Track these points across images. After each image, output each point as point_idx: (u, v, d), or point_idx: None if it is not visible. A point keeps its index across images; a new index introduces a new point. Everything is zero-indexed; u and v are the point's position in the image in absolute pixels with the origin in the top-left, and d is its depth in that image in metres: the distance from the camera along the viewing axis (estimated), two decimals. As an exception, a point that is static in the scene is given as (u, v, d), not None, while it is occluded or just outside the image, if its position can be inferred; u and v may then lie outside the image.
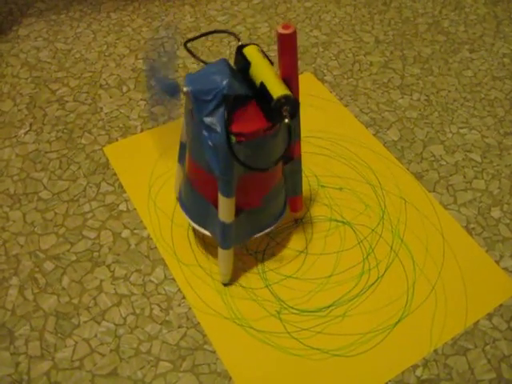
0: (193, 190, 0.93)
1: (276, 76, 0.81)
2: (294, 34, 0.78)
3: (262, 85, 0.80)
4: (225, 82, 0.79)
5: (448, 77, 1.45)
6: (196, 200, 0.94)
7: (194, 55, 0.90)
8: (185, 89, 0.79)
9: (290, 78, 0.84)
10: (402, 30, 1.58)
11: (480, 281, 1.05)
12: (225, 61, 0.83)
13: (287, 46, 0.80)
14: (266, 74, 0.81)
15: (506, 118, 1.35)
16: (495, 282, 1.05)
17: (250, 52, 0.84)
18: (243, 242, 0.98)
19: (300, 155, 0.98)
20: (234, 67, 0.86)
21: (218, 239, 0.93)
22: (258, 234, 0.98)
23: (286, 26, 0.77)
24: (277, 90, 0.78)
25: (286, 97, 0.78)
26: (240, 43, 0.86)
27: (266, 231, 0.99)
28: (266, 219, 0.98)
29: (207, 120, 0.80)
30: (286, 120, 0.78)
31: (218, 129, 0.79)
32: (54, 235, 1.07)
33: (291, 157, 0.96)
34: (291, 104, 0.79)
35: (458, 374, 0.94)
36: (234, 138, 0.80)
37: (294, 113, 0.80)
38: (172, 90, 0.84)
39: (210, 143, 0.81)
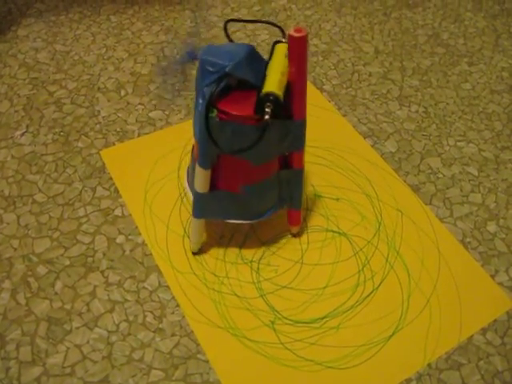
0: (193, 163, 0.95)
1: (281, 75, 0.81)
2: (305, 37, 0.78)
3: (264, 78, 0.81)
4: (232, 62, 0.80)
5: (446, 89, 1.45)
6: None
7: (228, 37, 0.92)
8: (198, 55, 0.82)
9: (296, 82, 0.83)
10: (402, 41, 1.58)
11: (475, 295, 1.05)
12: (249, 47, 0.83)
13: (297, 49, 0.79)
14: (274, 69, 0.81)
15: (504, 132, 1.36)
16: (490, 297, 1.05)
17: (279, 49, 0.85)
18: (217, 218, 0.99)
19: (301, 167, 0.97)
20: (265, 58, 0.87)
21: (192, 207, 0.96)
22: (236, 221, 0.99)
23: (298, 30, 0.77)
24: (269, 85, 0.79)
25: (272, 94, 0.78)
26: (283, 39, 0.86)
27: (244, 222, 0.99)
28: (249, 211, 0.98)
29: (205, 89, 0.81)
30: (266, 117, 0.79)
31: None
32: (48, 239, 1.07)
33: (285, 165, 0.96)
34: (274, 103, 0.79)
35: (451, 388, 0.94)
36: (214, 112, 0.81)
37: (277, 113, 0.80)
38: (193, 55, 0.90)
39: (198, 110, 0.83)
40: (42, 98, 1.31)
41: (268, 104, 0.78)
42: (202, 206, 0.96)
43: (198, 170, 0.89)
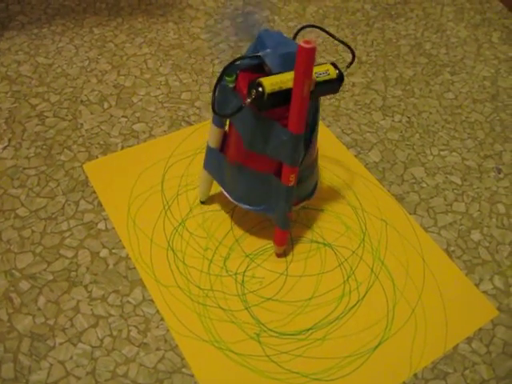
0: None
1: (287, 78, 0.82)
2: (315, 49, 0.77)
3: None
4: (269, 50, 0.84)
5: (429, 99, 1.46)
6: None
7: (325, 31, 0.95)
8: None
9: (297, 93, 0.82)
10: (385, 51, 1.59)
11: (460, 304, 1.05)
12: (295, 45, 0.86)
13: (306, 60, 0.78)
14: (289, 73, 0.84)
15: (486, 141, 1.36)
16: (475, 306, 1.05)
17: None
18: (216, 181, 1.05)
19: (287, 184, 0.94)
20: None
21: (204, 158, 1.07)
22: (224, 192, 1.05)
23: (307, 41, 0.77)
24: (267, 79, 0.82)
25: (259, 83, 0.81)
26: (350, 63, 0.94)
27: (229, 198, 1.04)
28: (236, 191, 1.02)
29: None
30: (248, 100, 0.82)
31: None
32: (30, 254, 1.06)
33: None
34: (258, 93, 0.81)
35: (437, 398, 0.93)
36: (232, 78, 0.87)
37: (260, 105, 0.83)
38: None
39: None
40: (25, 112, 1.31)
41: (253, 91, 0.82)
42: (209, 160, 1.05)
43: (211, 125, 1.00)
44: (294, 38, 0.94)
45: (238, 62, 0.87)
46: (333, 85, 0.87)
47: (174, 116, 1.33)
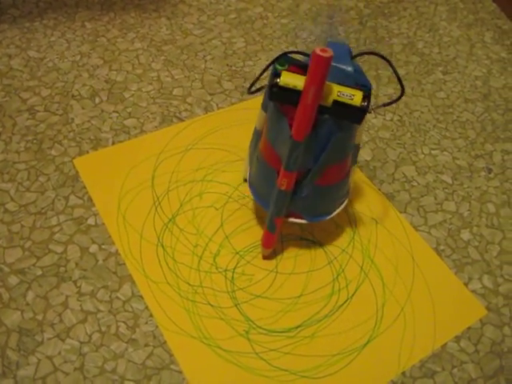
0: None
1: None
2: (331, 58, 0.77)
3: None
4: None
5: (421, 98, 1.46)
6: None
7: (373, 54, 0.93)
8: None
9: (306, 98, 0.81)
10: (377, 49, 1.59)
11: (449, 303, 1.05)
12: (349, 64, 0.87)
13: (321, 69, 0.77)
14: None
15: (477, 141, 1.37)
16: (464, 305, 1.05)
17: None
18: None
19: (281, 188, 0.94)
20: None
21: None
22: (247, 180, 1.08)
23: (324, 50, 0.76)
24: (291, 73, 0.84)
25: (279, 73, 0.84)
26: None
27: (250, 191, 1.06)
28: (255, 182, 1.05)
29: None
30: (266, 83, 0.87)
31: None
32: (19, 248, 1.05)
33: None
34: (274, 80, 0.84)
35: (425, 396, 0.94)
36: (279, 68, 0.86)
37: (270, 93, 0.85)
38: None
39: None
40: (15, 106, 1.30)
41: (273, 78, 0.84)
42: (252, 141, 1.07)
43: (260, 109, 1.00)
44: (353, 58, 0.92)
45: (290, 53, 0.88)
46: (353, 112, 0.84)
47: (166, 112, 1.32)
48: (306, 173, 0.94)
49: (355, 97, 0.82)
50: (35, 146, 1.22)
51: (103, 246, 1.06)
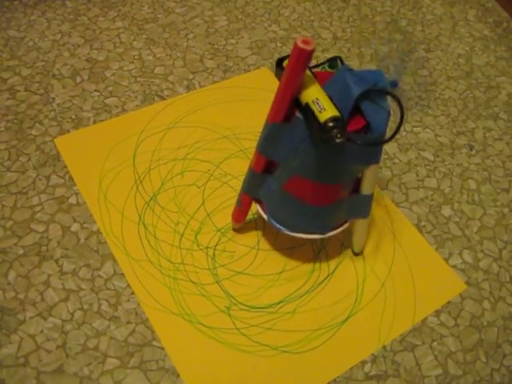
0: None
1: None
2: (313, 51, 0.74)
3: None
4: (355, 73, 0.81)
5: (404, 75, 1.46)
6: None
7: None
8: None
9: (284, 88, 0.80)
10: (360, 27, 1.59)
11: (429, 278, 1.06)
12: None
13: (301, 61, 0.75)
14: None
15: (459, 118, 1.37)
16: (444, 280, 1.06)
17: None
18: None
19: (252, 167, 0.94)
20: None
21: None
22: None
23: (306, 41, 0.73)
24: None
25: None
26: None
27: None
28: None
29: None
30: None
31: None
32: (0, 228, 1.05)
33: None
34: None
35: (405, 369, 0.95)
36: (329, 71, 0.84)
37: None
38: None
39: None
40: (-5, 85, 1.29)
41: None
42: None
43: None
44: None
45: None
46: (315, 126, 0.77)
47: (147, 90, 1.32)
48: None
49: (325, 112, 0.76)
50: (16, 125, 1.21)
51: (85, 225, 1.06)
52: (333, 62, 0.85)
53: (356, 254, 1.08)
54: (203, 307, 0.97)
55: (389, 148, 1.27)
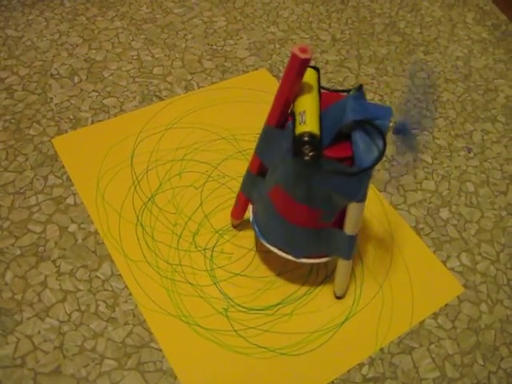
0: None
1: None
2: (310, 59, 0.74)
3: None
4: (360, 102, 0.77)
5: (402, 77, 1.46)
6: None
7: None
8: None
9: (281, 95, 0.79)
10: (359, 29, 1.59)
11: (427, 281, 1.06)
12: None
13: (298, 70, 0.74)
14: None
15: (458, 120, 1.37)
16: (441, 282, 1.06)
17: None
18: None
19: (249, 169, 0.94)
20: None
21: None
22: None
23: (303, 49, 0.72)
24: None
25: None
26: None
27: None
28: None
29: None
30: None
31: None
32: (-3, 228, 1.05)
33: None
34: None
35: (402, 372, 0.95)
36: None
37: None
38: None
39: None
40: (-7, 85, 1.28)
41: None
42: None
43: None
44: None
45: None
46: (292, 137, 0.76)
47: (146, 91, 1.31)
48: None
49: (304, 125, 0.74)
50: (13, 125, 1.21)
51: (82, 226, 1.06)
52: (359, 90, 0.79)
53: (337, 298, 1.02)
54: (201, 309, 0.97)
55: (387, 150, 1.27)
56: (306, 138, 0.73)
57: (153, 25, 1.49)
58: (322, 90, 1.01)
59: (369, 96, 1.39)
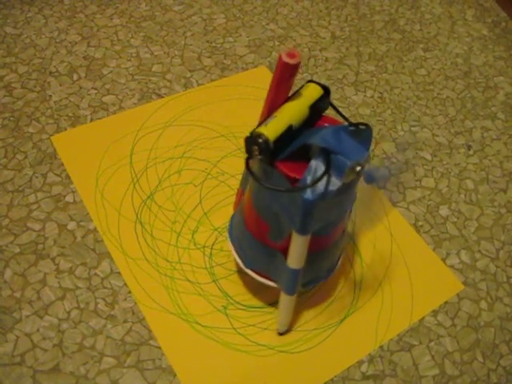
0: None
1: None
2: (299, 64, 0.72)
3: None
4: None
5: (402, 75, 1.46)
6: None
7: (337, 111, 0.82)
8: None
9: (273, 106, 0.78)
10: (359, 26, 1.58)
11: (426, 278, 1.06)
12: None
13: (287, 76, 0.73)
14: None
15: (457, 118, 1.37)
16: (441, 280, 1.06)
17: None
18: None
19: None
20: None
21: None
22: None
23: (291, 55, 0.71)
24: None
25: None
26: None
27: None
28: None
29: None
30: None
31: None
32: (-4, 226, 1.04)
33: None
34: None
35: (402, 369, 0.95)
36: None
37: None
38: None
39: None
40: (-8, 82, 1.28)
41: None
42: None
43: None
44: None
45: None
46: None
47: (145, 88, 1.31)
48: None
49: (263, 127, 0.72)
50: (12, 123, 1.21)
51: (81, 223, 1.06)
52: (366, 128, 0.76)
53: (279, 334, 0.97)
54: (200, 306, 0.97)
55: (387, 147, 1.27)
56: (258, 139, 0.71)
57: (152, 22, 1.49)
58: (328, 114, 0.96)
59: (368, 93, 1.39)
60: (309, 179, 0.71)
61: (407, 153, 1.26)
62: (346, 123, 0.77)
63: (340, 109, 1.34)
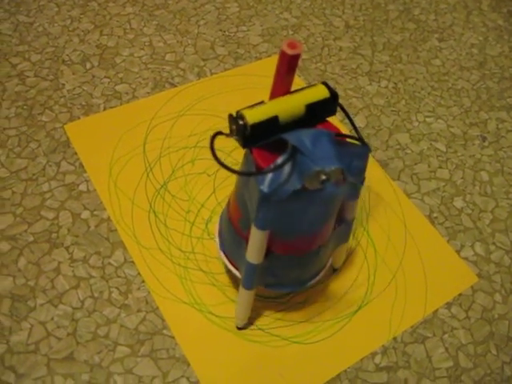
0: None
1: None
2: (300, 55, 0.70)
3: None
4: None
5: (416, 65, 1.45)
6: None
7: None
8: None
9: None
10: (373, 15, 1.57)
11: (440, 270, 1.06)
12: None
13: (288, 66, 0.71)
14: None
15: (472, 109, 1.36)
16: (455, 272, 1.06)
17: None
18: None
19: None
20: None
21: None
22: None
23: (292, 45, 0.69)
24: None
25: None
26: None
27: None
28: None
29: None
30: None
31: None
32: (10, 215, 1.04)
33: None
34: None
35: (416, 361, 0.95)
36: None
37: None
38: None
39: None
40: (5, 71, 1.28)
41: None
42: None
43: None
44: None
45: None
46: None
47: (158, 77, 1.31)
48: None
49: (248, 110, 0.71)
50: (25, 111, 1.21)
51: (95, 212, 1.06)
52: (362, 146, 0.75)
53: (238, 329, 0.95)
54: (213, 296, 0.97)
55: (401, 138, 1.26)
56: (239, 121, 0.69)
57: (165, 11, 1.48)
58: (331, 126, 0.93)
59: (382, 83, 1.38)
60: (285, 178, 0.70)
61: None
62: (343, 131, 0.76)
63: (354, 99, 1.33)
